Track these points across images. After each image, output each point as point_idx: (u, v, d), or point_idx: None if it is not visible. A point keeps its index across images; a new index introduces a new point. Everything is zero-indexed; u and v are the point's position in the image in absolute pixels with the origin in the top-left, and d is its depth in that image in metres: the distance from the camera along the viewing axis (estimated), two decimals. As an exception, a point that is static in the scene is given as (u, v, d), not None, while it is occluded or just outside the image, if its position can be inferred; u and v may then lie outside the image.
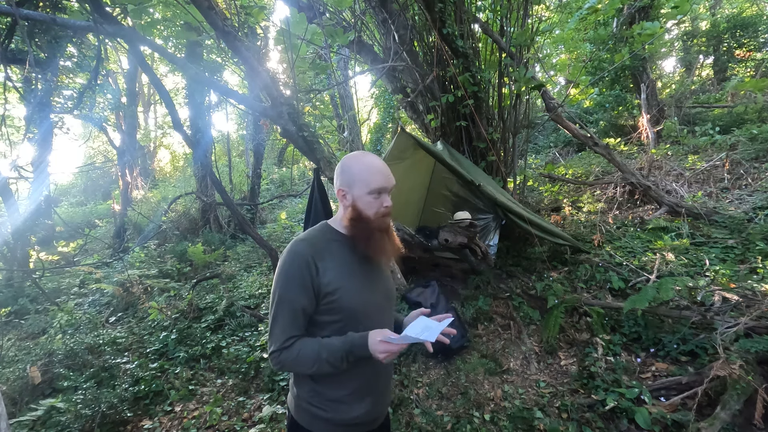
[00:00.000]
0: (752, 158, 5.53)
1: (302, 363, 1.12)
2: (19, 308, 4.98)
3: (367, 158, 1.18)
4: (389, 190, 1.19)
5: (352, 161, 1.18)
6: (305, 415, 1.22)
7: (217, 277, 5.21)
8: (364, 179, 1.15)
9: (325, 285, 1.13)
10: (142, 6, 2.79)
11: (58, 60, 5.74)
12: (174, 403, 2.99)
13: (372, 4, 4.63)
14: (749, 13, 9.34)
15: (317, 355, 1.10)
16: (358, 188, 1.16)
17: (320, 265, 1.14)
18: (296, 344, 1.12)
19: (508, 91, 4.80)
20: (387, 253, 1.22)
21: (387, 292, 1.29)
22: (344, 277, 1.16)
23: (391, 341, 1.06)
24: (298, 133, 3.03)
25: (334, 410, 1.19)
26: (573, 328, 3.23)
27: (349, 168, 1.18)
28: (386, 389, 1.32)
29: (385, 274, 1.31)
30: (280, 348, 1.12)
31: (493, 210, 4.36)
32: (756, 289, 3.03)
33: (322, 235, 1.22)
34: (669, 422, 2.23)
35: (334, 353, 1.10)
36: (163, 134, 16.63)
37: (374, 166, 1.16)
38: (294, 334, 1.14)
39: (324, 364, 1.10)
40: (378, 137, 11.54)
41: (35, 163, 6.21)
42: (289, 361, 1.12)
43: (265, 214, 9.48)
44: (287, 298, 1.13)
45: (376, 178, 1.15)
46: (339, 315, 1.15)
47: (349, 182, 1.17)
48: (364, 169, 1.16)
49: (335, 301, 1.14)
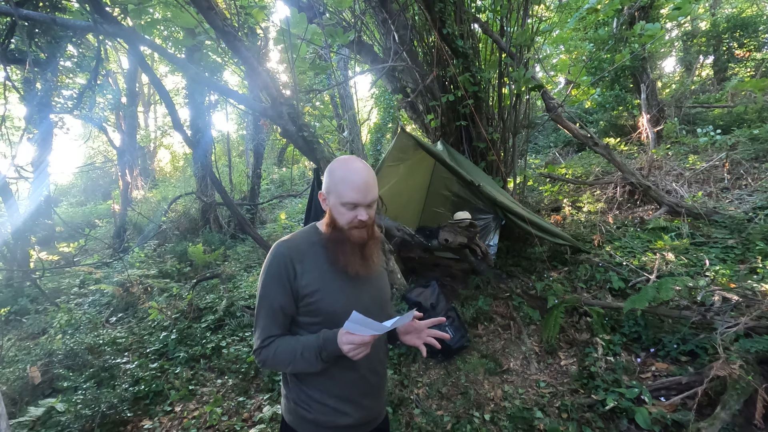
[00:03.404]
0: (752, 158, 5.53)
1: (280, 360, 1.13)
2: (19, 308, 4.97)
3: (352, 168, 1.14)
4: (367, 204, 1.14)
5: (336, 168, 1.16)
6: (293, 415, 1.22)
7: (217, 277, 5.21)
8: (339, 190, 1.13)
9: (303, 287, 1.13)
10: (142, 6, 2.79)
11: (58, 60, 5.73)
12: (174, 403, 2.99)
13: (372, 4, 4.63)
14: (749, 13, 9.34)
15: (294, 353, 1.11)
16: (333, 196, 1.15)
17: (298, 267, 1.14)
18: (275, 342, 1.14)
19: (508, 91, 4.80)
20: (354, 267, 1.16)
21: (376, 295, 1.26)
22: (323, 280, 1.15)
23: (352, 331, 1.03)
24: (298, 133, 3.03)
25: (318, 412, 1.18)
26: (573, 328, 3.23)
27: (332, 174, 1.16)
28: (375, 395, 1.27)
29: (377, 277, 1.28)
30: (260, 346, 1.15)
31: (493, 210, 4.36)
32: (756, 289, 3.03)
33: (306, 237, 1.22)
34: (669, 422, 2.23)
35: (309, 350, 1.10)
36: (163, 134, 16.63)
37: (353, 180, 1.12)
38: (273, 333, 1.15)
39: (300, 361, 1.11)
40: (378, 137, 11.54)
41: (35, 163, 6.22)
42: (269, 358, 1.14)
43: (265, 214, 9.49)
44: (267, 298, 1.15)
45: (350, 193, 1.11)
46: (319, 317, 1.15)
47: (329, 188, 1.16)
48: (342, 180, 1.13)
49: (313, 303, 1.14)
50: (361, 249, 1.18)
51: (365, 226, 1.16)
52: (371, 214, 1.17)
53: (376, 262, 1.23)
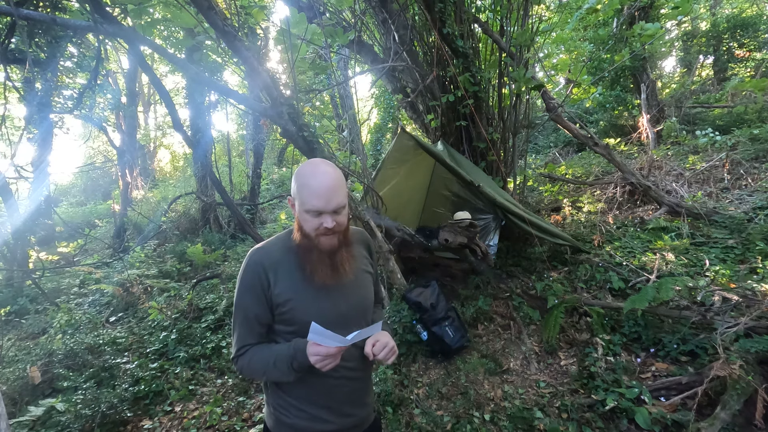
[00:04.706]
0: (752, 158, 5.53)
1: (255, 369, 1.14)
2: (19, 308, 4.97)
3: (315, 173, 1.08)
4: (331, 211, 1.08)
5: (301, 173, 1.10)
6: (272, 419, 1.22)
7: (217, 277, 5.21)
8: (301, 197, 1.09)
9: (276, 296, 1.12)
10: (142, 6, 2.79)
11: (58, 60, 5.73)
12: (174, 403, 2.99)
13: (372, 4, 4.63)
14: (749, 13, 9.34)
15: (267, 362, 1.11)
16: (298, 202, 1.11)
17: (271, 276, 1.12)
18: (250, 351, 1.15)
19: (508, 91, 4.80)
20: (321, 275, 1.12)
21: (356, 302, 1.21)
22: (296, 288, 1.13)
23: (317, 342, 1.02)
24: (298, 133, 3.03)
25: (297, 417, 1.17)
26: (573, 328, 3.23)
27: (296, 179, 1.11)
28: (356, 401, 1.24)
29: (356, 283, 1.22)
30: (236, 355, 1.16)
31: (493, 210, 4.36)
32: (756, 289, 3.03)
33: (281, 244, 1.19)
34: (669, 422, 2.23)
35: (281, 359, 1.09)
36: (163, 134, 16.63)
37: (313, 186, 1.06)
38: (248, 342, 1.15)
39: (273, 370, 1.11)
40: (378, 137, 11.52)
41: (35, 163, 6.21)
42: (245, 367, 1.15)
43: (265, 214, 9.49)
44: (241, 307, 1.15)
45: (311, 200, 1.07)
46: (293, 326, 1.14)
47: (294, 194, 1.13)
48: (304, 185, 1.08)
49: (287, 312, 1.13)
50: (331, 257, 1.13)
51: (334, 233, 1.11)
52: (339, 221, 1.11)
53: (348, 269, 1.16)
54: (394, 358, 1.16)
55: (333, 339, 1.01)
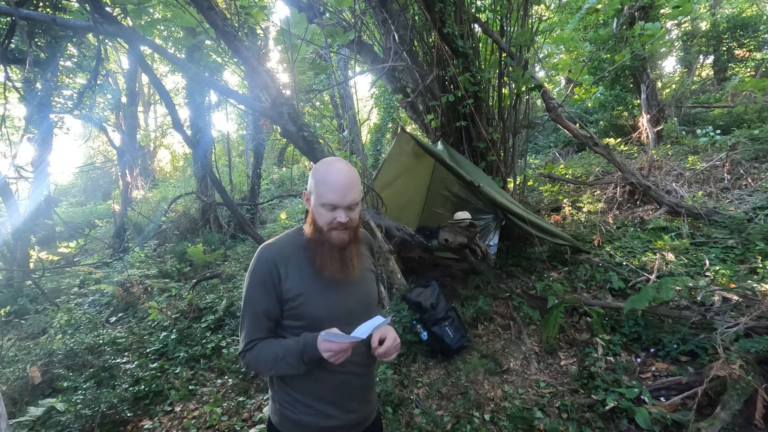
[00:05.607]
0: (752, 158, 5.53)
1: (263, 363, 1.14)
2: (19, 308, 4.97)
3: (332, 169, 1.13)
4: (346, 206, 1.13)
5: (319, 168, 1.15)
6: (278, 416, 1.23)
7: (217, 277, 5.21)
8: (318, 191, 1.13)
9: (287, 291, 1.14)
10: (142, 6, 2.79)
11: (58, 60, 5.73)
12: (174, 403, 2.99)
13: (372, 4, 4.63)
14: (749, 13, 9.34)
15: (276, 356, 1.12)
16: (315, 196, 1.15)
17: (282, 271, 1.15)
18: (258, 345, 1.15)
19: (508, 91, 4.80)
20: (331, 269, 1.15)
21: (362, 298, 1.25)
22: (306, 284, 1.16)
23: (331, 339, 1.05)
24: (298, 133, 3.03)
25: (302, 413, 1.18)
26: (573, 328, 3.23)
27: (314, 174, 1.16)
28: (361, 397, 1.26)
29: (362, 280, 1.26)
30: (244, 349, 1.16)
31: (493, 210, 4.36)
32: (756, 289, 3.03)
33: (291, 240, 1.22)
34: (669, 422, 2.23)
35: (291, 353, 1.11)
36: (163, 134, 16.62)
37: (331, 181, 1.12)
38: (257, 336, 1.16)
39: (282, 364, 1.12)
40: (378, 137, 11.52)
41: (35, 163, 6.21)
42: (253, 361, 1.16)
43: (265, 214, 9.49)
44: (251, 303, 1.16)
45: (328, 194, 1.11)
46: (302, 321, 1.15)
47: (311, 188, 1.17)
48: (322, 180, 1.13)
49: (297, 307, 1.15)
50: (341, 252, 1.17)
51: (345, 228, 1.15)
52: (352, 217, 1.15)
53: (357, 266, 1.20)
54: (395, 354, 1.18)
55: (347, 339, 1.04)
